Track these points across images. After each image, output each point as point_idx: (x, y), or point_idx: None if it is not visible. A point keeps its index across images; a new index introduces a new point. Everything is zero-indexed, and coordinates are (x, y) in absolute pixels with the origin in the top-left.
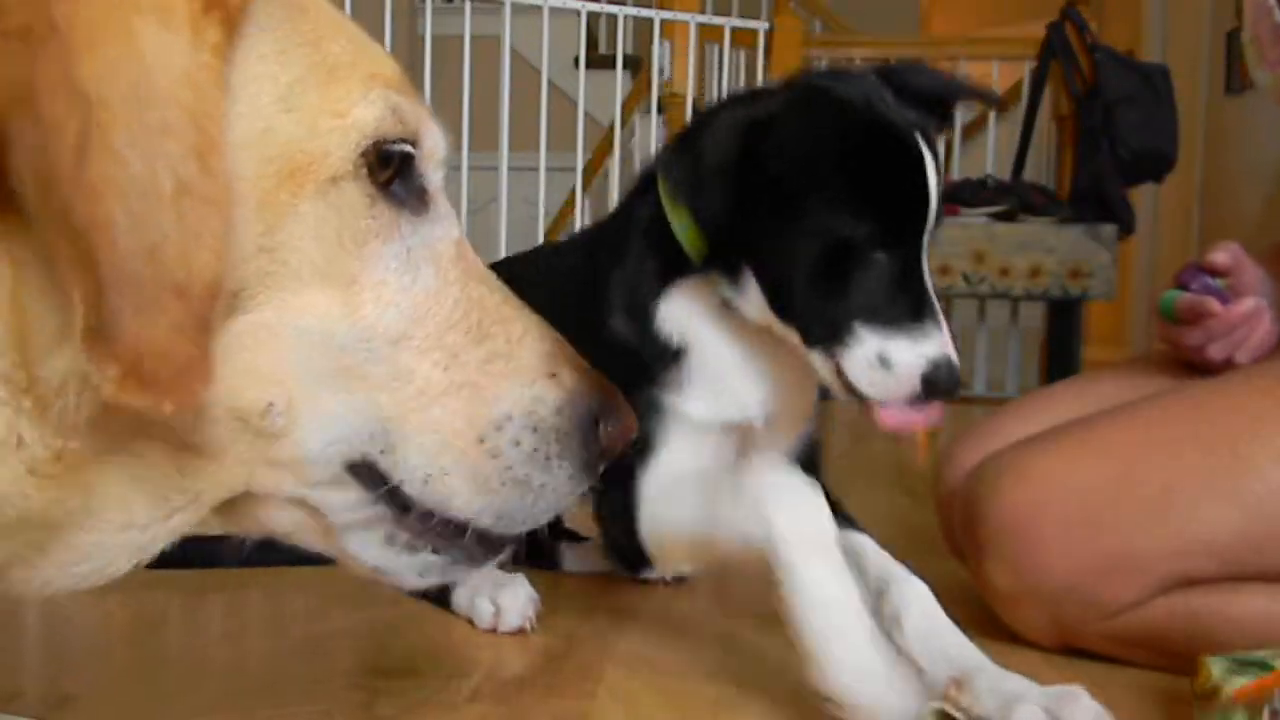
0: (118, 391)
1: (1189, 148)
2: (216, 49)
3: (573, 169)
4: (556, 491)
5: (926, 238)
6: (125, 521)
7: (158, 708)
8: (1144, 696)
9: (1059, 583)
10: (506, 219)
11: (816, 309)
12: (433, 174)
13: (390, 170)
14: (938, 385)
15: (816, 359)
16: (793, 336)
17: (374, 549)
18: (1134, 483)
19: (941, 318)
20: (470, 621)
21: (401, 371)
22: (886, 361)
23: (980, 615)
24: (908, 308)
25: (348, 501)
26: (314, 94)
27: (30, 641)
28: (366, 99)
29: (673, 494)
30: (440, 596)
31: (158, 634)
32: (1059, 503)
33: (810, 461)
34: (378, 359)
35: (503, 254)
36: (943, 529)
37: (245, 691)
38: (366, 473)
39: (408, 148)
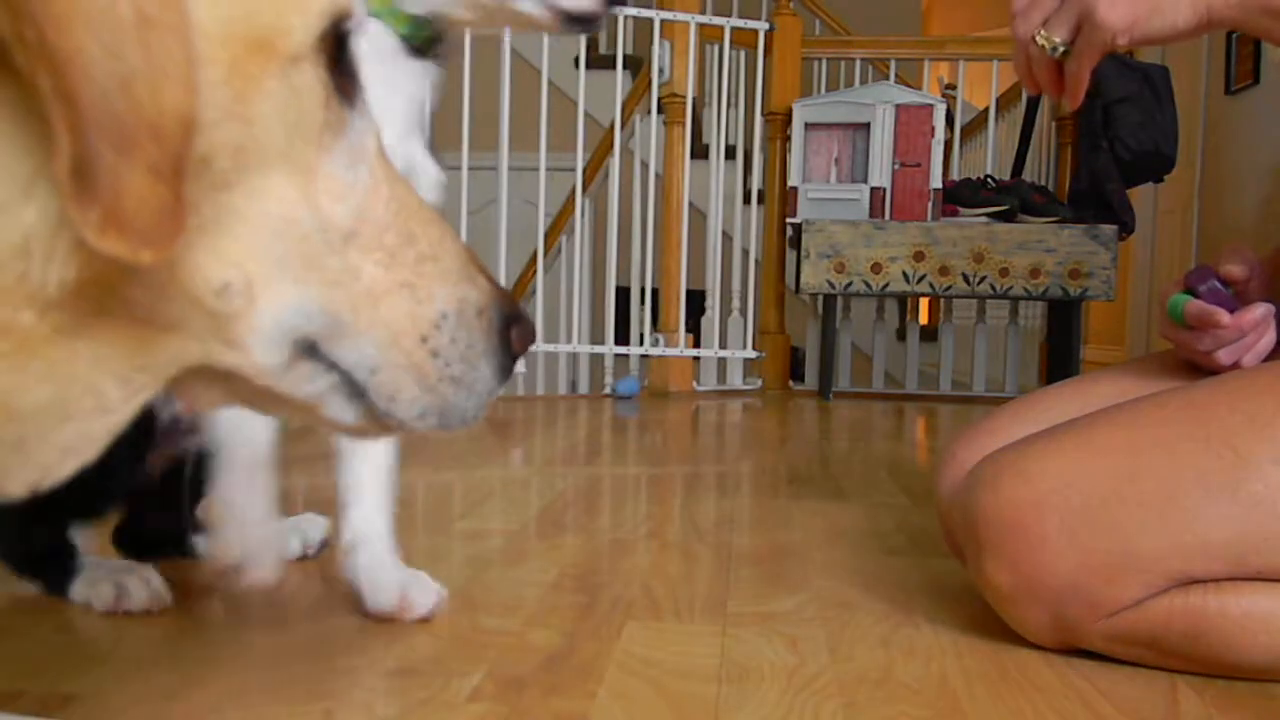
0: (99, 237)
1: (1189, 148)
2: None
3: (573, 169)
4: (482, 391)
5: None
6: (100, 406)
7: (158, 708)
8: (1145, 696)
9: (1060, 582)
10: (506, 219)
11: None
12: (356, 55)
13: (337, 56)
14: None
15: None
16: None
17: (349, 411)
18: (1135, 481)
19: None
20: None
21: (351, 268)
22: None
23: (980, 615)
24: None
25: (302, 375)
26: None
27: (30, 641)
28: None
29: None
30: (57, 587)
31: (158, 634)
32: (1059, 501)
33: None
34: (332, 252)
35: (503, 253)
36: (943, 529)
37: (246, 690)
38: (314, 353)
39: (352, 26)
